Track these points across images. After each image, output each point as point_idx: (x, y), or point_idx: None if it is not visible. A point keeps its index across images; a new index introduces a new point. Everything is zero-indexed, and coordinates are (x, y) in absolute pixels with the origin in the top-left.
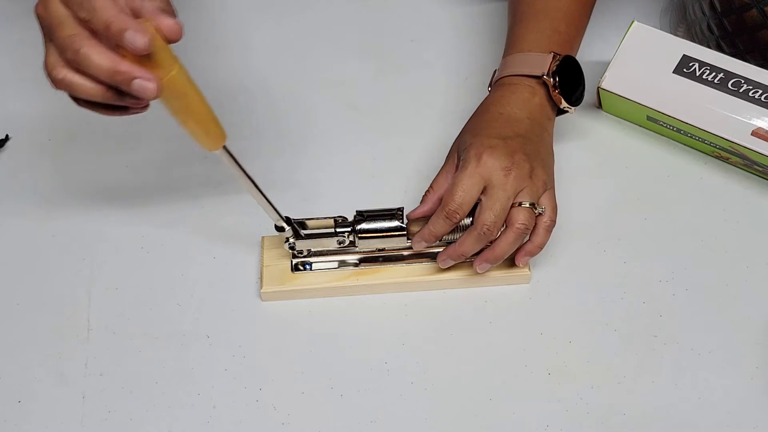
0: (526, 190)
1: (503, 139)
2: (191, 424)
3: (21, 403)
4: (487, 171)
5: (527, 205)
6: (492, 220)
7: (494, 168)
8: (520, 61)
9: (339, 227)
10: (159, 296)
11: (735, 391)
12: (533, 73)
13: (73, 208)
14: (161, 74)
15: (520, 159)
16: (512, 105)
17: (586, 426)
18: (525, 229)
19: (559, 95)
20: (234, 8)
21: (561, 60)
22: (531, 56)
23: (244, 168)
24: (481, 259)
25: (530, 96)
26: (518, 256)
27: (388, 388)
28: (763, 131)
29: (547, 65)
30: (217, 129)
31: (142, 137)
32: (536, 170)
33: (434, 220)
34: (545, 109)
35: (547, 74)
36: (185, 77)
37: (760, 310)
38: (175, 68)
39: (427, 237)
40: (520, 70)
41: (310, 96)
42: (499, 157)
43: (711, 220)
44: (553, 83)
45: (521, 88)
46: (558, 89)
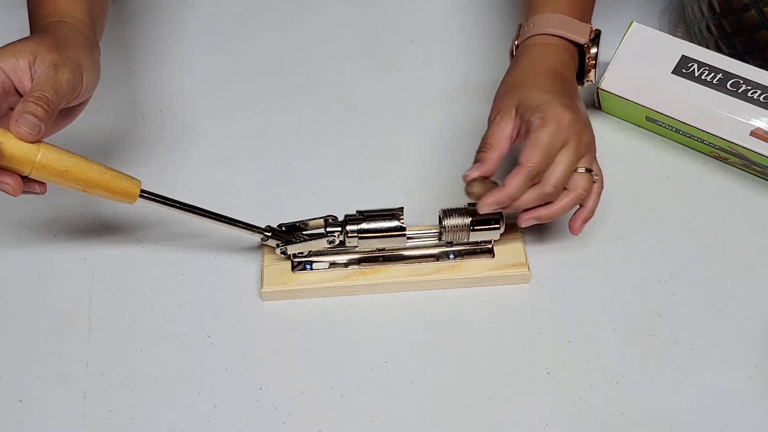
0: (587, 156)
1: (574, 101)
2: (192, 424)
3: (22, 403)
4: (568, 133)
5: (584, 171)
6: (560, 182)
7: (573, 132)
8: (559, 23)
9: (330, 227)
10: (160, 296)
11: (734, 391)
12: (575, 39)
13: (74, 208)
14: (25, 168)
15: (586, 124)
16: (562, 66)
17: (586, 425)
18: (586, 194)
19: (593, 67)
20: (234, 8)
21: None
22: (572, 21)
23: (188, 205)
24: (530, 215)
25: (570, 61)
26: (574, 224)
27: (388, 387)
28: (762, 131)
29: (588, 33)
30: (120, 185)
31: (141, 138)
32: (591, 140)
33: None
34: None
35: (589, 43)
36: (55, 157)
37: (758, 310)
38: (38, 155)
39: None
40: (561, 32)
41: (310, 96)
42: (578, 122)
43: (710, 220)
44: (592, 54)
45: (561, 50)
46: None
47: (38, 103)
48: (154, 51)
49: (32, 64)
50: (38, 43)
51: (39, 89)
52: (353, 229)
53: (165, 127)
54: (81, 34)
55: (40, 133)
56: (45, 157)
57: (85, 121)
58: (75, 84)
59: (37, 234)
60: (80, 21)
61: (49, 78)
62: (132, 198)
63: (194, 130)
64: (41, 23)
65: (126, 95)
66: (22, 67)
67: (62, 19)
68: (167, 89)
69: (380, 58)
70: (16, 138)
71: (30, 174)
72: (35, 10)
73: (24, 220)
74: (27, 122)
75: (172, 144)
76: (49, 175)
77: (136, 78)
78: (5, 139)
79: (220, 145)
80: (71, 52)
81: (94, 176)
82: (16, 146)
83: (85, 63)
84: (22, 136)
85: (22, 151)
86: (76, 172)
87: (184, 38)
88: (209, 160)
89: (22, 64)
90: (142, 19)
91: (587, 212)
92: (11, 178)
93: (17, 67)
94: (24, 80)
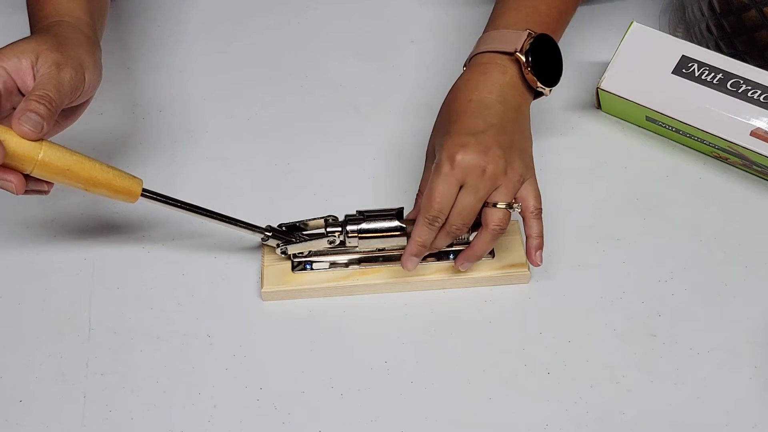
0: (501, 189)
1: (474, 135)
2: (192, 424)
3: (22, 403)
4: (461, 172)
5: (502, 206)
6: (460, 222)
7: (468, 169)
8: (493, 38)
9: (330, 227)
10: (160, 296)
11: (734, 391)
12: (505, 50)
13: (74, 208)
14: (27, 167)
15: (495, 155)
16: (482, 88)
17: (585, 425)
18: (500, 229)
19: (531, 74)
20: (234, 8)
21: (536, 38)
22: (505, 33)
23: (189, 205)
24: (461, 259)
25: (501, 75)
26: (530, 257)
27: (388, 387)
28: (762, 131)
29: (520, 42)
30: (122, 183)
31: (141, 138)
32: (513, 164)
33: (417, 229)
34: (518, 90)
35: (520, 51)
36: (57, 155)
37: (759, 310)
38: (41, 153)
39: (414, 249)
40: (492, 46)
41: (310, 96)
42: (473, 157)
43: (710, 220)
44: (525, 61)
45: (492, 67)
46: (531, 68)
47: (41, 101)
48: (154, 51)
49: (35, 63)
50: (40, 42)
51: (41, 88)
52: (353, 229)
53: (165, 128)
54: (82, 34)
55: (42, 130)
56: (47, 155)
57: (85, 122)
58: (77, 83)
59: (38, 234)
60: (81, 20)
61: (52, 77)
62: (133, 197)
63: (194, 130)
64: (42, 23)
65: (126, 95)
66: (25, 67)
67: (63, 19)
68: (167, 89)
69: (380, 58)
70: (18, 136)
71: (32, 172)
72: (36, 10)
73: (24, 220)
74: (29, 120)
75: (171, 144)
76: (51, 173)
77: (136, 78)
78: (8, 137)
79: (220, 145)
80: (73, 52)
81: (95, 175)
82: (19, 144)
83: (87, 62)
84: (25, 134)
85: (25, 149)
86: (78, 171)
87: (184, 38)
88: (209, 160)
89: (24, 64)
90: (141, 19)
91: (532, 240)
92: (14, 176)
93: (20, 66)
94: (26, 80)
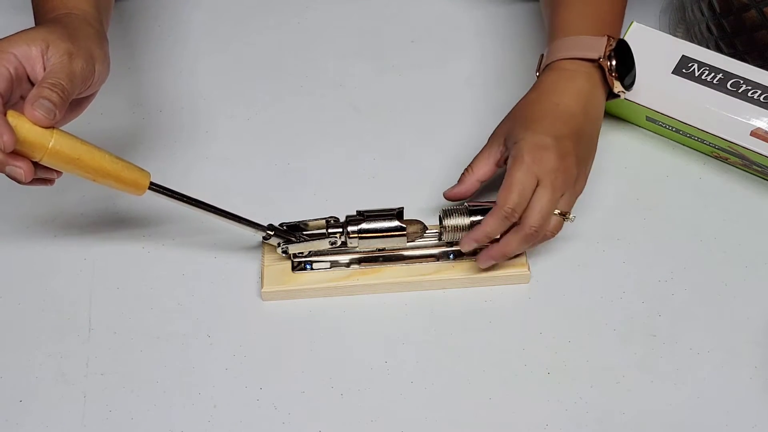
0: (565, 197)
1: (557, 139)
2: (192, 424)
3: (22, 403)
4: (540, 171)
5: (557, 213)
6: (540, 222)
7: (546, 170)
8: (573, 44)
9: (331, 228)
10: (160, 296)
11: (734, 391)
12: (589, 57)
13: (75, 208)
14: (37, 154)
15: (570, 163)
16: (568, 95)
17: (585, 425)
18: (551, 236)
19: (615, 79)
20: (235, 8)
21: (616, 43)
22: (585, 39)
23: (194, 200)
24: (486, 255)
25: (586, 83)
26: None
27: (388, 387)
28: (762, 131)
29: (602, 48)
30: (131, 175)
31: (141, 138)
32: (579, 177)
33: (490, 220)
34: (600, 96)
35: (604, 57)
36: (68, 144)
37: (759, 310)
38: (51, 141)
39: (480, 237)
40: (574, 53)
41: (311, 96)
42: (552, 159)
43: (710, 220)
44: (609, 66)
45: (577, 74)
46: (615, 74)
47: (53, 89)
48: (154, 51)
49: (45, 52)
50: (51, 31)
51: (54, 76)
52: (354, 230)
53: (165, 128)
54: (90, 26)
55: (55, 118)
56: (58, 143)
57: (86, 121)
58: (88, 74)
59: (38, 234)
60: (88, 13)
61: (64, 66)
62: (141, 189)
63: (194, 130)
64: (49, 15)
65: (126, 95)
66: (35, 55)
67: (71, 11)
68: (167, 89)
69: (380, 58)
70: (29, 123)
71: (42, 160)
72: (42, 3)
73: (24, 220)
74: (42, 106)
75: (172, 144)
76: (61, 162)
77: (136, 78)
78: (19, 123)
79: (220, 145)
80: (84, 43)
81: (105, 165)
82: (30, 130)
83: (97, 54)
84: (37, 120)
85: (36, 135)
86: (88, 160)
87: (185, 38)
88: (209, 160)
89: (34, 52)
90: (142, 18)
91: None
92: (24, 163)
93: (30, 54)
94: (36, 68)
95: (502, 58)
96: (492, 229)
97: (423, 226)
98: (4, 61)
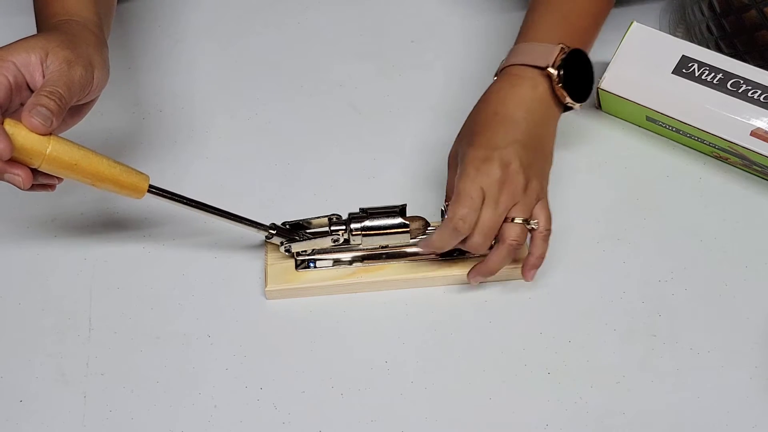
0: (519, 205)
1: (497, 149)
2: (192, 424)
3: (22, 403)
4: (484, 183)
5: (520, 221)
6: (481, 239)
7: (490, 181)
8: (525, 51)
9: (333, 225)
10: (160, 296)
11: (734, 391)
12: (537, 64)
13: (74, 208)
14: (35, 161)
15: (514, 171)
16: (510, 103)
17: (586, 425)
18: (517, 245)
19: (562, 90)
20: (235, 9)
21: (569, 53)
22: (537, 46)
23: (195, 201)
24: (474, 273)
25: (530, 90)
26: (525, 272)
27: (388, 387)
28: (762, 131)
29: (553, 57)
30: (129, 179)
31: (142, 138)
32: (531, 182)
33: (438, 233)
34: (547, 106)
35: (552, 66)
36: (65, 150)
37: (759, 310)
38: (49, 148)
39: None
40: (523, 59)
41: (311, 96)
42: (494, 170)
43: (710, 220)
44: (557, 76)
45: (522, 80)
46: (562, 83)
47: (51, 97)
48: (155, 51)
49: (44, 59)
50: (49, 39)
51: (52, 84)
52: (357, 227)
53: (165, 128)
54: (90, 32)
55: (52, 125)
56: (55, 150)
57: (86, 122)
58: (87, 81)
59: (38, 234)
60: (89, 20)
61: (62, 74)
62: (140, 193)
63: (195, 131)
64: (50, 21)
65: (126, 96)
66: (34, 63)
67: (71, 18)
68: (167, 90)
69: (380, 58)
70: (27, 130)
71: (40, 166)
72: (43, 9)
73: (24, 220)
74: (39, 114)
75: (172, 144)
76: (59, 167)
77: (136, 78)
78: (16, 131)
79: (221, 145)
80: (83, 50)
81: (103, 170)
82: (27, 138)
83: (96, 60)
84: (34, 127)
85: (33, 142)
86: (86, 166)
87: (185, 39)
88: (209, 160)
89: (33, 59)
90: (143, 19)
91: (533, 258)
92: (22, 170)
93: (29, 62)
94: (35, 75)
95: (501, 59)
96: (440, 242)
97: (425, 223)
98: (3, 70)
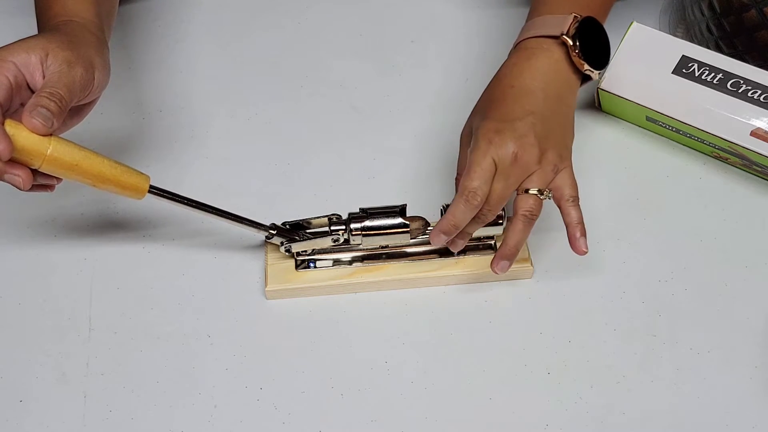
0: (534, 176)
1: (511, 122)
2: (192, 424)
3: (22, 403)
4: (497, 154)
5: (534, 192)
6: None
7: (503, 153)
8: (538, 24)
9: (333, 225)
10: (160, 296)
11: (734, 391)
12: (551, 33)
13: (75, 208)
14: (36, 162)
15: (529, 143)
16: (525, 75)
17: (586, 425)
18: (531, 215)
19: (579, 57)
20: (235, 9)
21: (582, 21)
22: (550, 18)
23: (195, 202)
24: (497, 259)
25: (546, 61)
26: (573, 244)
27: (388, 387)
28: (762, 131)
29: (566, 25)
30: (130, 180)
31: (142, 138)
32: (546, 153)
33: (453, 207)
34: (565, 76)
35: (567, 34)
36: (66, 151)
37: (759, 310)
38: (49, 148)
39: (447, 228)
40: (537, 32)
41: (310, 96)
42: (507, 142)
43: (710, 220)
44: (572, 44)
45: (537, 52)
46: (578, 51)
47: (51, 98)
48: (155, 51)
49: (44, 60)
50: (50, 40)
51: (52, 85)
52: (357, 227)
53: (165, 128)
54: (91, 33)
55: (52, 126)
56: (56, 150)
57: (86, 122)
58: (87, 82)
59: (38, 234)
60: (89, 21)
61: (63, 75)
62: (141, 193)
63: (195, 130)
64: (51, 22)
65: (126, 96)
66: (34, 63)
67: (72, 19)
68: (168, 89)
69: (380, 58)
70: (27, 130)
71: (41, 167)
72: (44, 10)
73: (24, 220)
74: (40, 114)
75: (172, 144)
76: (59, 168)
77: (136, 78)
78: (17, 131)
79: (221, 145)
80: (83, 50)
81: (104, 171)
82: (28, 138)
83: (97, 61)
84: (35, 128)
85: (34, 143)
86: (87, 166)
87: (185, 39)
88: (210, 160)
89: (33, 60)
90: (143, 19)
91: (572, 227)
92: (22, 171)
93: (29, 62)
94: (35, 76)
95: (501, 58)
96: (457, 217)
97: (425, 223)
98: (3, 70)
